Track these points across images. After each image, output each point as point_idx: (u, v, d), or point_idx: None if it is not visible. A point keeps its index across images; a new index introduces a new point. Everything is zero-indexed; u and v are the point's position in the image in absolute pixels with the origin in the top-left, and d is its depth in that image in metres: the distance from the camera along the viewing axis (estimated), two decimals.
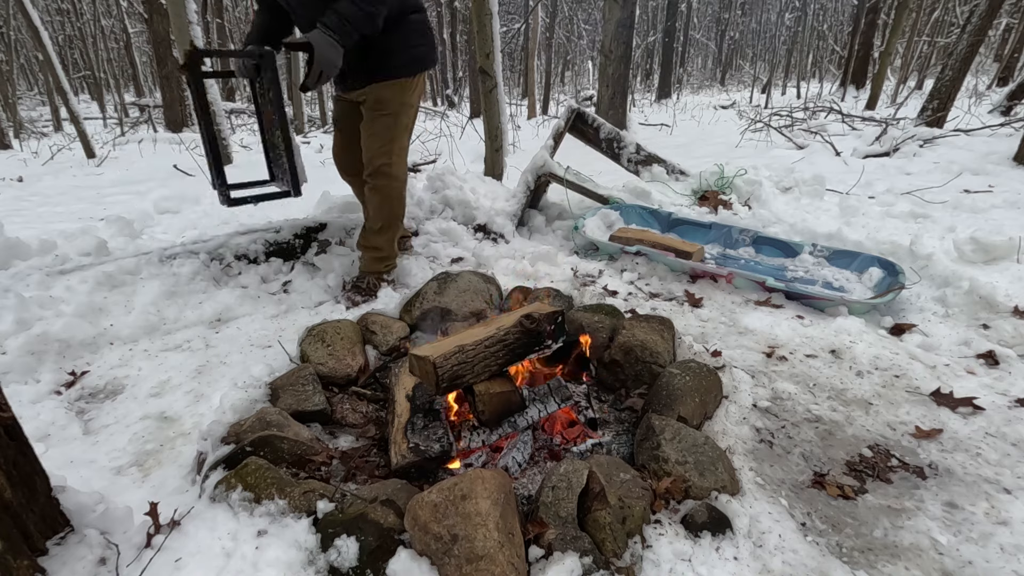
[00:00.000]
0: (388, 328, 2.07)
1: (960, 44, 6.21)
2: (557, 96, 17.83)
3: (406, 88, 2.25)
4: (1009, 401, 1.72)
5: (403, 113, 2.27)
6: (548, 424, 1.63)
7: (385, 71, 2.18)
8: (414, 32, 2.21)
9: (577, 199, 3.55)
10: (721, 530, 1.23)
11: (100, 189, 5.51)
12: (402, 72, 2.21)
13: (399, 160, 2.33)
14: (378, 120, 2.25)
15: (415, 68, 2.25)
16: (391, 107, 2.23)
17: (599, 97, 7.68)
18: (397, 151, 2.31)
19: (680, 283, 2.61)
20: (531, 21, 12.32)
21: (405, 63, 2.21)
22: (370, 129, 2.28)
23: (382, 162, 2.28)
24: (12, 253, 2.47)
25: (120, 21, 15.45)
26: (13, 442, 1.06)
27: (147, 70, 21.36)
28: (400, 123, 2.28)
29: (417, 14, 2.22)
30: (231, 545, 1.17)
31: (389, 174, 2.31)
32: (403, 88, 2.24)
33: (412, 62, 2.23)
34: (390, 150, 2.28)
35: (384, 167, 2.29)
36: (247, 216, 3.77)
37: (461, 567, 1.08)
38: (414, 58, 2.23)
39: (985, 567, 1.18)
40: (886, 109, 9.48)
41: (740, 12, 30.38)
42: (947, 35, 15.30)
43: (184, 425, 1.69)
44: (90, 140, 7.44)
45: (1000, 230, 2.78)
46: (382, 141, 2.27)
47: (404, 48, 2.18)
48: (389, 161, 2.29)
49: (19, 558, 1.02)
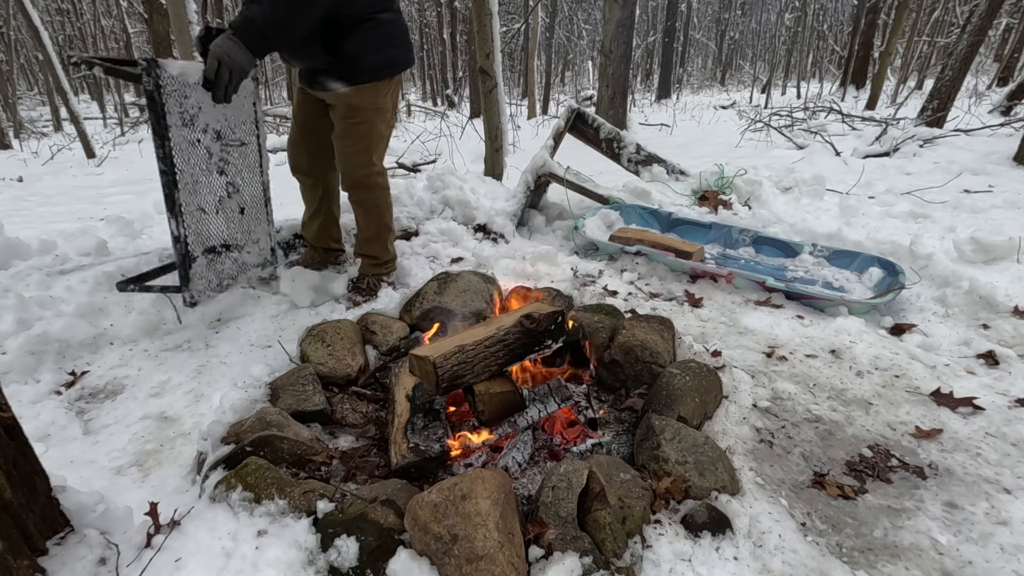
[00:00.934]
0: (388, 328, 2.07)
1: (960, 44, 6.22)
2: (557, 96, 17.83)
3: (379, 92, 2.09)
4: (1009, 401, 1.72)
5: (378, 119, 2.13)
6: (548, 424, 1.63)
7: (356, 75, 2.01)
8: (386, 33, 2.04)
9: (577, 199, 3.54)
10: (721, 530, 1.23)
11: (100, 189, 5.52)
12: (374, 76, 2.05)
13: (379, 169, 2.22)
14: (352, 128, 2.11)
15: (388, 71, 2.09)
16: (364, 114, 2.09)
17: (599, 97, 7.68)
18: (376, 160, 2.18)
19: (680, 283, 2.61)
20: (531, 21, 12.32)
21: (377, 66, 2.05)
22: (344, 139, 2.13)
23: (361, 174, 2.17)
24: (12, 253, 2.47)
25: (120, 21, 15.46)
26: (13, 442, 1.06)
27: None
28: (376, 130, 2.14)
29: (388, 13, 2.05)
30: (231, 545, 1.17)
31: (370, 185, 2.21)
32: (376, 92, 2.08)
33: (385, 65, 2.07)
34: (368, 160, 2.16)
35: (364, 179, 2.18)
36: None
37: (461, 567, 1.08)
38: (388, 60, 2.07)
39: (985, 567, 1.18)
40: (886, 109, 9.49)
41: (740, 12, 30.38)
42: (947, 35, 15.30)
43: (184, 425, 1.68)
44: (90, 140, 7.44)
45: (1000, 230, 2.78)
46: (358, 151, 2.14)
47: (376, 50, 2.02)
48: (368, 172, 2.17)
49: (19, 558, 1.02)
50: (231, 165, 2.13)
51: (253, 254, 2.33)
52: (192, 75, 1.86)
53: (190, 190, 1.93)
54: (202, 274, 2.06)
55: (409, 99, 16.51)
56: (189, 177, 1.91)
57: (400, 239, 3.03)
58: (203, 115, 1.94)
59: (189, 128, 1.89)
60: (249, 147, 2.22)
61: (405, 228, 3.11)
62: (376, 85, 2.08)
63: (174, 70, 1.80)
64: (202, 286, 2.07)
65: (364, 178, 2.19)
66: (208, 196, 2.03)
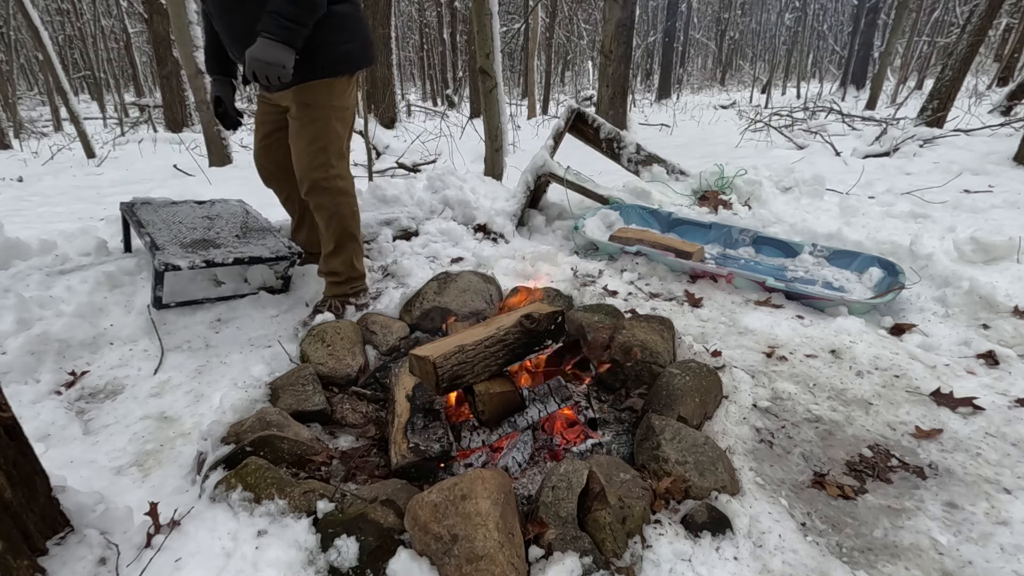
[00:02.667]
0: (388, 328, 2.07)
1: (960, 44, 6.22)
2: (557, 96, 17.83)
3: (335, 89, 1.99)
4: (1009, 401, 1.71)
5: (333, 117, 2.01)
6: (548, 424, 1.63)
7: (308, 71, 1.90)
8: (341, 26, 1.93)
9: (577, 199, 3.55)
10: (721, 530, 1.23)
11: (100, 189, 5.52)
12: (329, 71, 1.95)
13: (340, 171, 2.08)
14: (305, 128, 2.00)
15: (344, 67, 1.99)
16: (318, 111, 1.98)
17: (599, 97, 7.68)
18: (334, 161, 2.06)
19: (680, 283, 2.61)
20: (531, 21, 12.32)
21: (332, 61, 1.94)
22: (298, 140, 2.02)
23: (317, 176, 2.04)
24: (12, 253, 2.46)
25: (120, 21, 15.46)
26: (13, 442, 1.06)
27: (147, 70, 21.37)
28: (331, 128, 2.02)
29: (344, 5, 1.94)
30: (231, 545, 1.17)
31: (328, 188, 2.07)
32: (331, 89, 1.98)
33: (341, 60, 1.97)
34: (325, 161, 2.03)
35: (321, 181, 2.05)
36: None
37: (461, 567, 1.08)
38: (343, 55, 1.96)
39: (985, 567, 1.18)
40: (886, 109, 9.49)
41: (740, 12, 30.37)
42: (947, 35, 15.30)
43: (184, 425, 1.68)
44: (90, 140, 7.45)
45: (1000, 230, 2.78)
46: (313, 152, 2.02)
47: (329, 44, 1.91)
48: (326, 175, 2.05)
49: (19, 558, 1.02)
50: None
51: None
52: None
53: None
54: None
55: (409, 99, 16.50)
56: None
57: (400, 239, 3.03)
58: None
59: None
60: None
61: (405, 228, 3.12)
62: (330, 82, 1.98)
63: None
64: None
65: (321, 180, 2.05)
66: None
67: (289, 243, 2.36)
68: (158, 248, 2.11)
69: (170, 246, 2.19)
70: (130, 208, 2.47)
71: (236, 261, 2.16)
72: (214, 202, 2.72)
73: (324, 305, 2.25)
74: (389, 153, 6.62)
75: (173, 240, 2.26)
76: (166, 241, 2.23)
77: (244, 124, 2.27)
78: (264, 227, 2.53)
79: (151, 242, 2.15)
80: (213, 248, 2.26)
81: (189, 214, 2.56)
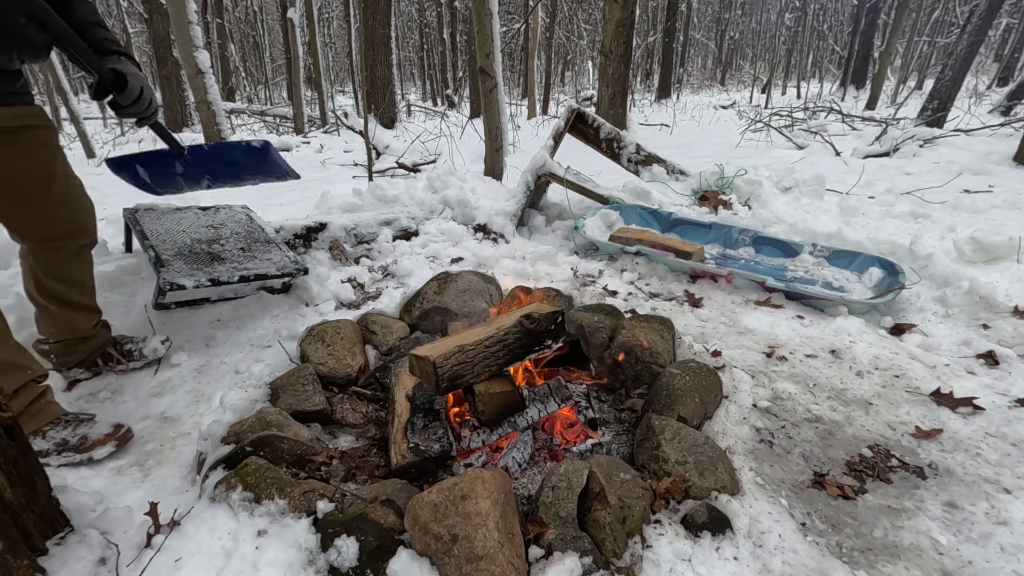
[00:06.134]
0: (388, 328, 2.07)
1: (960, 44, 6.22)
2: (557, 96, 17.83)
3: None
4: (1009, 401, 1.72)
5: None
6: (548, 424, 1.63)
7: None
8: None
9: (577, 199, 3.55)
10: (721, 530, 1.23)
11: (100, 189, 5.50)
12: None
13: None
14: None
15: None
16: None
17: (599, 97, 7.68)
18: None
19: (680, 283, 2.61)
20: (531, 21, 12.32)
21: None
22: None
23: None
24: (12, 253, 2.46)
25: (120, 21, 15.45)
26: (13, 442, 1.06)
27: (147, 70, 21.36)
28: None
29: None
30: (231, 545, 1.17)
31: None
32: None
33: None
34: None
35: None
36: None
37: (461, 567, 1.08)
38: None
39: (985, 567, 1.18)
40: (886, 109, 9.49)
41: (740, 12, 30.38)
42: (947, 35, 15.31)
43: (184, 425, 1.68)
44: (90, 140, 7.44)
45: (1000, 230, 2.78)
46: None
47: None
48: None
49: (19, 558, 1.02)
50: None
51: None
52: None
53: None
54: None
55: (409, 99, 16.50)
56: None
57: (400, 239, 3.04)
58: None
59: None
60: None
61: (405, 228, 3.12)
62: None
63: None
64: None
65: None
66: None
67: (295, 258, 2.36)
68: (162, 265, 2.08)
69: (175, 261, 2.15)
70: (133, 216, 2.45)
71: (242, 279, 2.15)
72: (218, 208, 2.69)
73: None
74: (389, 153, 6.62)
75: (177, 255, 2.20)
76: (170, 256, 2.17)
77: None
78: (269, 239, 2.51)
79: (155, 257, 2.11)
80: (218, 263, 2.21)
81: (193, 222, 2.51)
